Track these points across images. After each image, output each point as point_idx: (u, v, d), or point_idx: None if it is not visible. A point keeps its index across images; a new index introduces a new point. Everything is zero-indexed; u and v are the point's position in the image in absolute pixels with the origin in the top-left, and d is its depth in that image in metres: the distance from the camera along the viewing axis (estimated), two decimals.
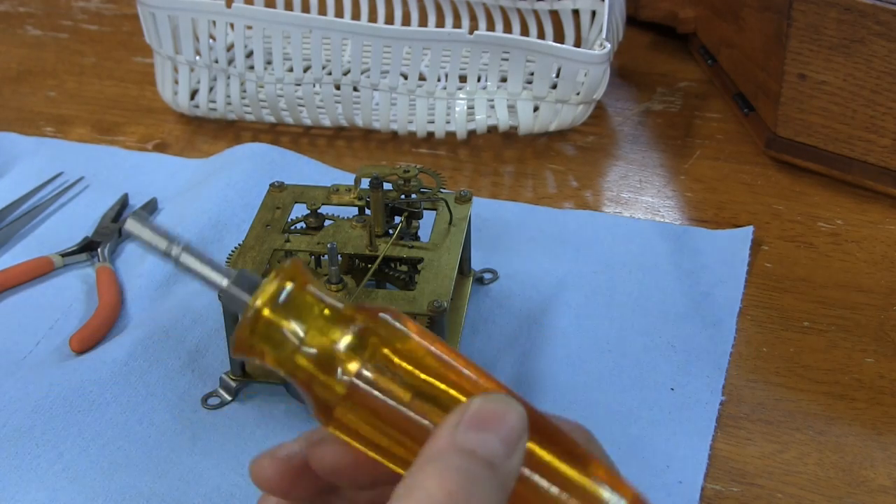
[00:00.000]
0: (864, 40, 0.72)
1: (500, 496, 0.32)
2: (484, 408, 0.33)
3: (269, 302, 0.36)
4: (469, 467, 0.32)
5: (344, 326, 0.35)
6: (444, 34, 0.79)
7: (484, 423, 0.33)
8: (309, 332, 0.35)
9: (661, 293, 0.68)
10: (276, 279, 0.36)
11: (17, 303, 0.70)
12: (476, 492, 0.31)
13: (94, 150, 0.85)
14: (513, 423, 0.33)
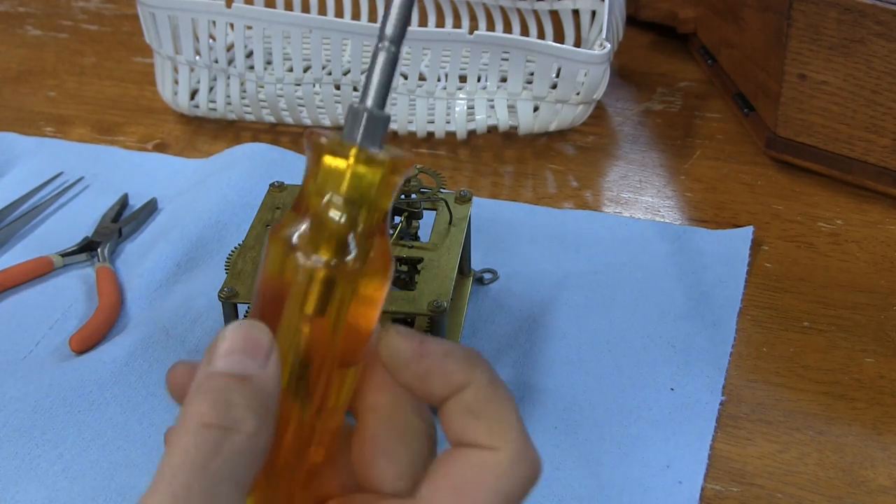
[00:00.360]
0: (864, 40, 0.72)
1: (260, 401, 0.35)
2: (225, 337, 0.36)
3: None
4: (224, 384, 0.35)
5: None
6: (444, 34, 0.79)
7: (225, 349, 0.36)
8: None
9: (661, 293, 0.68)
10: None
11: (17, 303, 0.70)
12: (235, 401, 0.34)
13: (94, 150, 0.85)
14: (252, 338, 0.36)
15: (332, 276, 0.35)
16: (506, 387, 0.37)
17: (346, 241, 0.36)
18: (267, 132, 0.87)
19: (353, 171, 0.35)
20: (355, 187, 0.36)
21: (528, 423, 0.60)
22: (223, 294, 0.58)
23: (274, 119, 0.87)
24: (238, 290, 0.59)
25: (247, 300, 0.58)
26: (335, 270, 0.35)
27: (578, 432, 0.59)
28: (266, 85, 0.84)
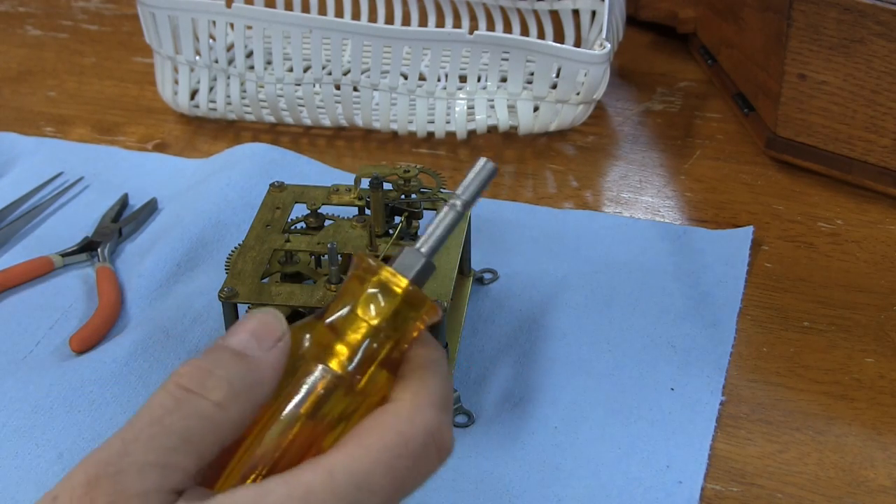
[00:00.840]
0: (864, 40, 0.72)
1: (245, 379, 0.37)
2: (245, 317, 0.39)
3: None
4: (219, 356, 0.37)
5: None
6: (444, 34, 0.79)
7: (240, 326, 0.39)
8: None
9: (661, 293, 0.68)
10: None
11: (17, 303, 0.70)
12: (217, 372, 0.37)
13: (94, 150, 0.85)
14: (266, 324, 0.38)
15: (333, 385, 0.38)
16: (444, 364, 0.40)
17: (366, 364, 0.39)
18: (267, 132, 0.87)
19: (399, 305, 0.39)
20: (394, 319, 0.39)
21: (528, 423, 0.60)
22: (223, 294, 0.58)
23: (274, 119, 0.87)
24: (238, 290, 0.59)
25: (247, 300, 0.58)
26: (337, 382, 0.38)
27: (578, 432, 0.59)
28: (266, 85, 0.84)
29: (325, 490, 0.35)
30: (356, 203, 0.65)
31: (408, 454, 0.37)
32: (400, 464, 0.37)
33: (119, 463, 0.34)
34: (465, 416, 0.60)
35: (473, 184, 0.40)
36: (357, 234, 0.63)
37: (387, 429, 0.37)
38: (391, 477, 0.36)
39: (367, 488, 0.36)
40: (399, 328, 0.39)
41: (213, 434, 0.36)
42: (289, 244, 0.62)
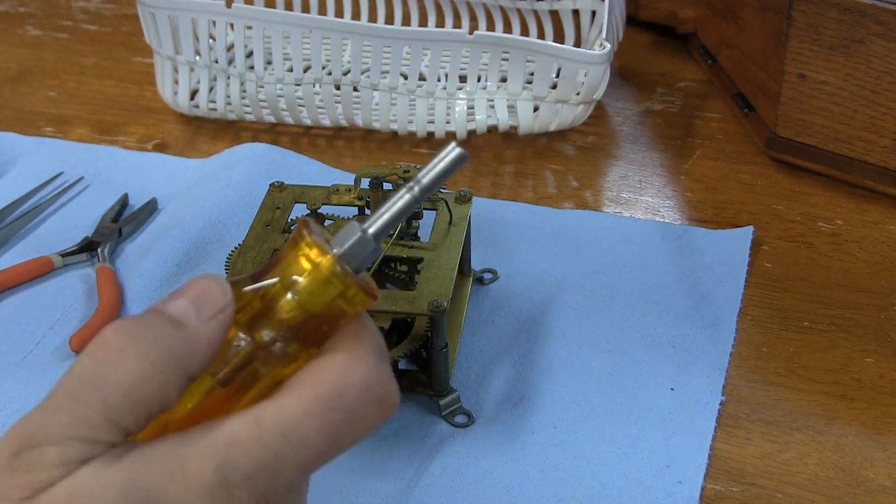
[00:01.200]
0: (864, 40, 0.72)
1: (178, 350, 0.35)
2: (189, 283, 0.37)
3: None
4: (151, 318, 0.36)
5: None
6: (444, 34, 0.79)
7: (181, 292, 0.37)
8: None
9: (661, 293, 0.68)
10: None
11: (17, 303, 0.70)
12: (147, 336, 0.35)
13: (94, 150, 0.85)
14: (209, 293, 0.36)
15: (252, 357, 0.37)
16: (379, 338, 0.38)
17: (281, 335, 0.37)
18: (267, 132, 0.87)
19: (327, 287, 0.37)
20: (320, 300, 0.37)
21: (528, 423, 0.60)
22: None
23: (274, 119, 0.87)
24: None
25: None
26: (258, 355, 0.37)
27: (578, 432, 0.59)
28: (266, 85, 0.84)
29: (249, 438, 0.34)
30: (356, 203, 0.65)
31: (342, 406, 0.35)
32: (334, 416, 0.35)
33: (40, 435, 0.34)
34: (465, 416, 0.60)
35: (437, 169, 0.37)
36: None
37: (320, 380, 0.36)
38: (323, 429, 0.35)
39: (296, 439, 0.35)
40: (328, 311, 0.37)
41: (135, 406, 0.35)
42: None
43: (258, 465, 0.34)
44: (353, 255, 0.37)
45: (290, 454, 0.35)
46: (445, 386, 0.60)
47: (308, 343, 0.37)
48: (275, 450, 0.35)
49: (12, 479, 0.34)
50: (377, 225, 0.37)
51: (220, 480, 0.34)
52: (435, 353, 0.59)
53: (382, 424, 0.37)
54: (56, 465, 0.34)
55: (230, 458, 0.34)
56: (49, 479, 0.34)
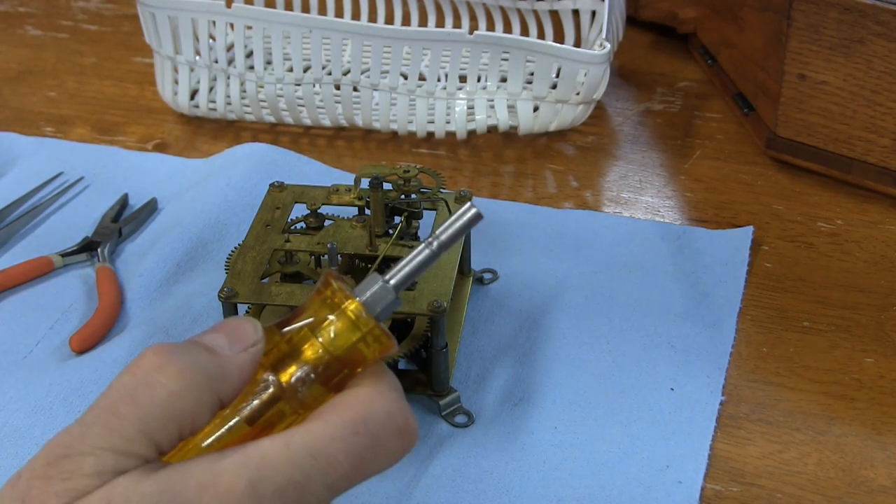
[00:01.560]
0: (864, 40, 0.72)
1: (210, 372, 0.37)
2: (223, 322, 0.40)
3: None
4: (188, 348, 0.38)
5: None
6: (444, 34, 0.79)
7: (215, 328, 0.40)
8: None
9: (661, 293, 0.68)
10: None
11: (17, 303, 0.70)
12: (185, 356, 0.37)
13: (94, 150, 0.85)
14: (241, 328, 0.39)
15: (277, 397, 0.39)
16: (397, 380, 0.40)
17: (305, 377, 0.39)
18: (267, 132, 0.87)
19: (358, 339, 0.39)
20: (349, 350, 0.39)
21: (528, 423, 0.60)
22: (223, 294, 0.58)
23: (274, 119, 0.87)
24: (238, 290, 0.59)
25: (247, 300, 0.59)
26: (283, 395, 0.39)
27: (578, 432, 0.59)
28: (266, 85, 0.84)
29: (280, 457, 0.36)
30: (356, 203, 0.65)
31: (366, 432, 0.37)
32: (358, 441, 0.37)
33: (77, 446, 0.36)
34: (465, 416, 0.60)
35: (455, 227, 0.40)
36: (357, 234, 0.63)
37: (346, 407, 0.38)
38: (349, 452, 0.37)
39: (323, 459, 0.37)
40: (354, 359, 0.39)
41: (168, 422, 0.37)
42: (289, 244, 0.62)
43: (288, 482, 0.36)
44: (374, 303, 0.40)
45: (319, 474, 0.37)
46: (445, 386, 0.60)
47: (329, 386, 0.39)
48: (304, 468, 0.36)
49: (49, 487, 0.35)
50: (398, 277, 0.40)
51: (251, 493, 0.35)
52: (435, 353, 0.59)
53: (404, 455, 0.39)
54: (91, 474, 0.35)
55: (262, 473, 0.36)
56: (85, 488, 0.35)
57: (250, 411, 0.38)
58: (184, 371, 0.37)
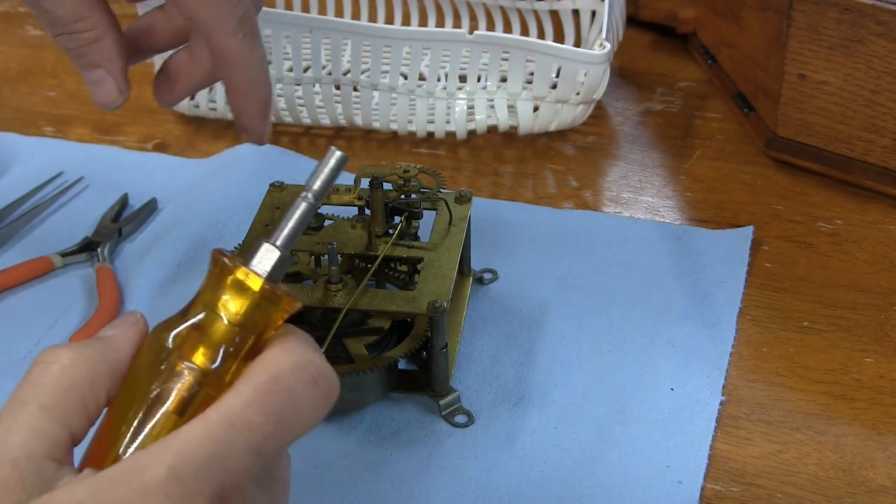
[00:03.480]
0: (864, 40, 0.72)
1: (97, 346, 0.41)
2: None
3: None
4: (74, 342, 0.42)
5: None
6: (444, 34, 0.79)
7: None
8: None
9: (661, 293, 0.68)
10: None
11: (17, 303, 0.70)
12: (72, 346, 0.40)
13: (94, 150, 0.85)
14: (122, 318, 0.43)
15: (198, 382, 0.39)
16: (307, 336, 0.41)
17: (229, 359, 0.40)
18: None
19: (254, 301, 0.40)
20: (253, 316, 0.40)
21: (528, 423, 0.60)
22: None
23: (274, 119, 0.87)
24: None
25: None
26: (202, 379, 0.39)
27: (578, 432, 0.59)
28: None
29: (198, 435, 0.36)
30: (356, 203, 0.65)
31: (279, 388, 0.38)
32: (273, 399, 0.38)
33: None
34: (465, 416, 0.60)
35: (324, 173, 0.41)
36: (357, 233, 0.63)
37: (255, 372, 0.39)
38: (267, 412, 0.37)
39: (242, 425, 0.37)
40: (259, 323, 0.40)
41: (67, 393, 0.38)
42: None
43: (209, 456, 0.36)
44: (262, 265, 0.40)
45: (240, 441, 0.37)
46: (445, 386, 0.60)
47: (245, 358, 0.40)
48: (224, 439, 0.37)
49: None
50: (282, 237, 0.41)
51: (174, 476, 0.36)
52: (435, 353, 0.59)
53: (328, 404, 0.39)
54: (4, 465, 0.37)
55: (182, 455, 0.36)
56: (6, 480, 0.37)
57: (176, 402, 0.39)
58: (74, 349, 0.40)
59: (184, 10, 0.52)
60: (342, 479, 0.56)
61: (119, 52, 0.55)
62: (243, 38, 0.53)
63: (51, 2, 0.53)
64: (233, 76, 0.54)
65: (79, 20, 0.54)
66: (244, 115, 0.56)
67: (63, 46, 0.55)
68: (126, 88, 0.56)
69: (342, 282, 0.59)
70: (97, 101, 0.56)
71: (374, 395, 0.60)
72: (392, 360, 0.58)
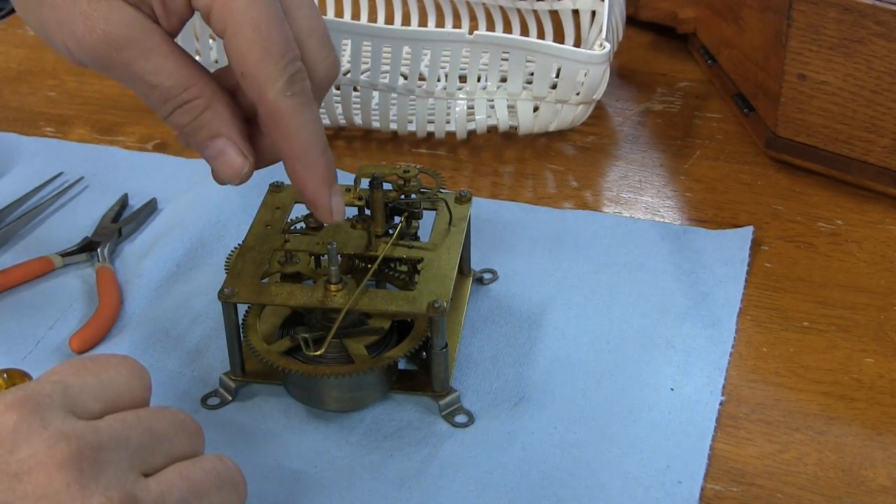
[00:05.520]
0: (864, 40, 0.72)
1: None
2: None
3: None
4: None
5: None
6: (444, 34, 0.79)
7: None
8: None
9: (661, 293, 0.68)
10: None
11: (17, 303, 0.70)
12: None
13: (94, 150, 0.85)
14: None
15: None
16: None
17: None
18: None
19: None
20: None
21: (528, 423, 0.60)
22: (223, 294, 0.58)
23: None
24: (238, 290, 0.59)
25: (246, 300, 0.59)
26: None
27: (578, 432, 0.59)
28: None
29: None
30: (356, 203, 0.65)
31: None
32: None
33: None
34: (465, 416, 0.60)
35: None
36: (357, 234, 0.63)
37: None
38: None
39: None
40: None
41: None
42: (288, 244, 0.62)
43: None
44: None
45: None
46: (445, 386, 0.60)
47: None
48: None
49: None
50: None
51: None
52: (435, 353, 0.59)
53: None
54: None
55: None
56: None
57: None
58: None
59: (237, 66, 0.51)
60: (342, 479, 0.56)
61: (233, 116, 0.53)
62: (292, 96, 0.51)
63: (155, 75, 0.51)
64: (282, 139, 0.52)
65: (187, 88, 0.52)
66: (305, 187, 0.53)
67: (177, 125, 0.53)
68: (250, 153, 0.54)
69: (342, 282, 0.59)
70: (225, 178, 0.54)
71: (374, 395, 0.60)
72: (392, 360, 0.58)
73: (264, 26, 0.50)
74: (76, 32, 0.51)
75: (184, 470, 0.45)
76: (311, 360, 0.58)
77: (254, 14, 0.50)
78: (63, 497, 0.40)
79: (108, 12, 0.50)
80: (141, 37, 0.51)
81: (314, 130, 0.52)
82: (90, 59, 0.52)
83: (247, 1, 0.50)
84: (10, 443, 0.41)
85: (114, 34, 0.50)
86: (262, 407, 0.61)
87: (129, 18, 0.51)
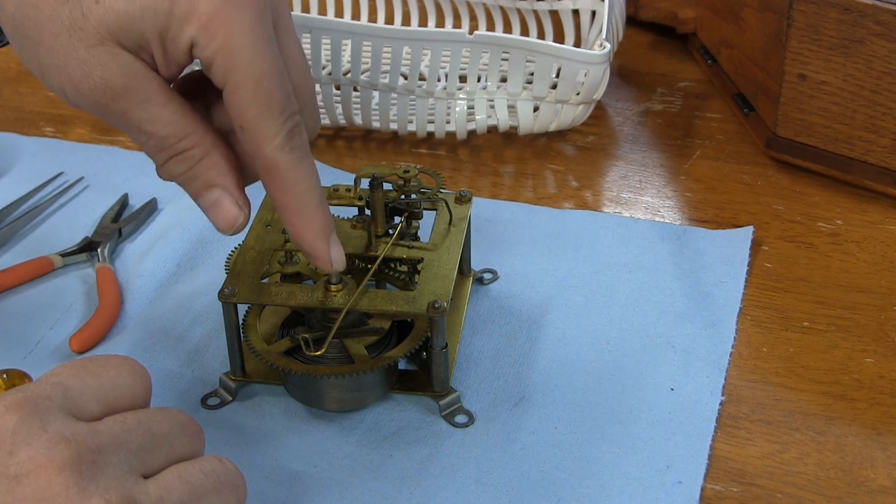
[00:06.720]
0: (864, 40, 0.72)
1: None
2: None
3: None
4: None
5: None
6: (444, 34, 0.79)
7: None
8: None
9: (661, 293, 0.68)
10: None
11: (17, 303, 0.70)
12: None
13: (94, 150, 0.85)
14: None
15: None
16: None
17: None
18: None
19: None
20: None
21: (528, 423, 0.60)
22: (223, 294, 0.58)
23: None
24: (238, 290, 0.59)
25: (247, 300, 0.59)
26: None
27: (578, 432, 0.59)
28: None
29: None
30: (356, 203, 0.65)
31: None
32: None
33: None
34: (465, 416, 0.60)
35: None
36: (357, 234, 0.63)
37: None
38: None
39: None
40: None
41: None
42: (289, 244, 0.62)
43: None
44: None
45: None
46: (445, 386, 0.60)
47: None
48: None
49: None
50: None
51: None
52: (435, 353, 0.59)
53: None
54: None
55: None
56: None
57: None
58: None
59: (236, 119, 0.50)
60: (342, 479, 0.56)
61: (229, 165, 0.53)
62: (290, 151, 0.50)
63: (152, 124, 0.51)
64: (279, 193, 0.52)
65: (183, 137, 0.51)
66: (303, 239, 0.53)
67: (173, 174, 0.53)
68: (245, 204, 0.53)
69: (342, 282, 0.59)
70: (219, 227, 0.53)
71: (374, 396, 0.60)
72: (392, 360, 0.58)
73: (266, 83, 0.49)
74: (73, 78, 0.49)
75: (183, 472, 0.45)
76: (311, 360, 0.58)
77: (257, 69, 0.49)
78: (62, 499, 0.40)
79: (106, 59, 0.49)
80: (138, 85, 0.50)
81: (311, 183, 0.52)
82: (87, 105, 0.50)
83: (251, 55, 0.49)
84: (9, 445, 0.41)
85: (111, 82, 0.49)
86: (262, 407, 0.61)
87: (126, 67, 0.50)
